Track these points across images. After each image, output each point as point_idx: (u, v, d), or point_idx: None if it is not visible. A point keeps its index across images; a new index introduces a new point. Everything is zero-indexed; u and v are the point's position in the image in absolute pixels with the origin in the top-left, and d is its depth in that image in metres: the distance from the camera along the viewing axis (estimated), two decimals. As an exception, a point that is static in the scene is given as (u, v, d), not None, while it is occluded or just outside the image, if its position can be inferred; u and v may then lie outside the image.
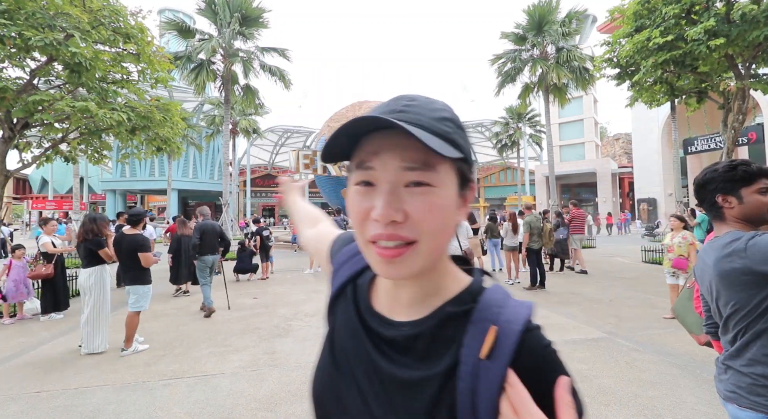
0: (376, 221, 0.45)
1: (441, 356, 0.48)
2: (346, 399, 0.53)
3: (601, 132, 46.59)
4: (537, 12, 15.88)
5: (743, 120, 8.56)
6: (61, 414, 2.98)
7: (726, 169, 1.25)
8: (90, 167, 33.04)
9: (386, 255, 0.45)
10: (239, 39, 14.64)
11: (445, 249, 0.51)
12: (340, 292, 0.62)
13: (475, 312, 0.50)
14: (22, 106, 5.96)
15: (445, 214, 0.47)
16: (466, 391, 0.45)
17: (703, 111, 13.26)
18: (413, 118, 0.45)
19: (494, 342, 0.46)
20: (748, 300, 1.15)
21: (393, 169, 0.45)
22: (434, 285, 0.53)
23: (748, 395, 1.15)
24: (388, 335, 0.52)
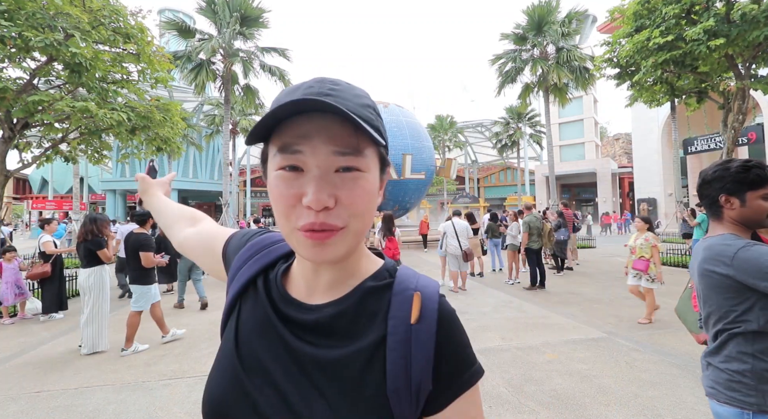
0: (308, 209, 0.44)
1: (366, 330, 0.49)
2: (259, 401, 0.48)
3: (601, 132, 46.59)
4: (537, 12, 15.88)
5: (743, 120, 8.56)
6: (61, 414, 2.98)
7: (739, 169, 1.21)
8: (90, 167, 33.05)
9: (317, 238, 0.45)
10: (239, 39, 14.63)
11: (367, 231, 0.50)
12: (244, 290, 0.58)
13: (395, 285, 0.52)
14: (22, 106, 5.96)
15: (371, 198, 0.48)
16: (397, 359, 0.47)
17: (703, 111, 13.26)
18: (341, 102, 0.44)
19: (421, 308, 0.49)
20: (724, 303, 1.19)
21: (324, 154, 0.44)
22: (353, 266, 0.54)
23: (725, 390, 1.18)
24: (308, 319, 0.51)
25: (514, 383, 3.33)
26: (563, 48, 15.80)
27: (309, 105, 0.42)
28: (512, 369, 3.63)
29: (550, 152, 17.63)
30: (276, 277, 0.57)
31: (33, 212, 32.76)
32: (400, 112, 16.38)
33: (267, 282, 0.57)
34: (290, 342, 0.50)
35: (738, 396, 1.15)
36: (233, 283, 0.60)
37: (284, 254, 0.60)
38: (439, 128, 32.78)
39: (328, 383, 0.47)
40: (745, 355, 1.16)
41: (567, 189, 39.13)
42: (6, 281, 5.83)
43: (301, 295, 0.54)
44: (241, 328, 0.55)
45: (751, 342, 1.15)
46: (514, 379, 3.40)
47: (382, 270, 0.55)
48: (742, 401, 1.14)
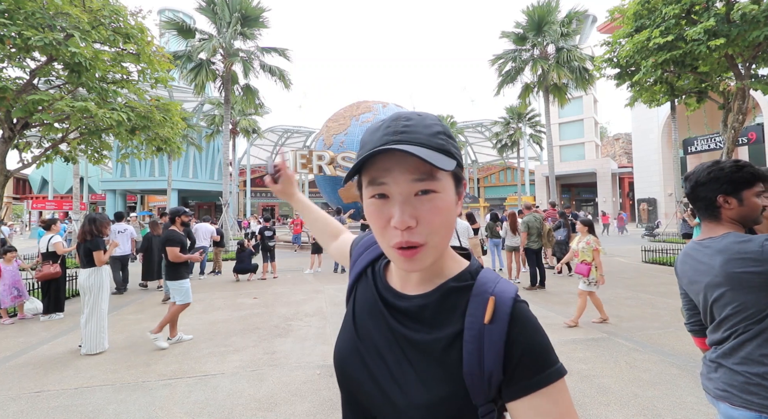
0: (395, 228, 0.54)
1: (446, 322, 0.60)
2: (368, 362, 0.63)
3: (601, 132, 46.59)
4: (537, 12, 15.89)
5: (743, 120, 8.56)
6: (61, 414, 2.98)
7: (734, 169, 1.23)
8: (90, 167, 33.04)
9: (406, 255, 0.56)
10: (239, 39, 14.64)
11: (449, 242, 0.60)
12: (360, 276, 0.74)
13: (475, 287, 0.61)
14: (22, 106, 5.96)
15: (449, 214, 0.57)
16: (471, 350, 0.56)
17: (703, 111, 13.28)
18: (413, 137, 0.54)
19: (494, 310, 0.58)
20: (755, 302, 1.15)
21: (404, 182, 0.54)
22: (438, 268, 0.64)
23: (741, 393, 1.15)
24: (402, 306, 0.64)
25: (514, 383, 3.32)
26: (563, 48, 15.80)
27: (385, 149, 0.53)
28: (512, 369, 3.62)
29: (550, 152, 17.63)
30: (380, 269, 0.72)
31: (33, 212, 32.75)
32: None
33: (374, 273, 0.72)
34: (389, 320, 0.64)
35: (756, 400, 1.12)
36: (352, 272, 0.77)
37: None
38: (439, 128, 32.73)
39: (417, 356, 0.59)
40: (765, 357, 1.13)
41: (567, 189, 39.12)
42: (4, 283, 5.80)
43: (398, 286, 0.67)
44: (357, 305, 0.71)
45: None
46: (514, 379, 3.40)
47: (464, 273, 0.64)
48: (761, 404, 1.12)
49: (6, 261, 5.96)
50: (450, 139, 0.58)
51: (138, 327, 5.24)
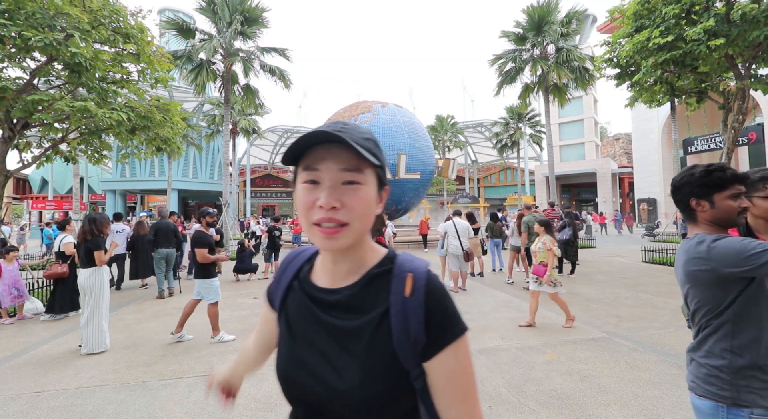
0: (320, 208, 0.62)
1: (374, 305, 0.68)
2: (308, 361, 0.69)
3: (601, 132, 46.58)
4: (537, 12, 15.88)
5: (743, 120, 8.56)
6: (61, 414, 2.98)
7: (702, 174, 1.30)
8: (90, 167, 33.02)
9: (327, 232, 0.63)
10: (239, 39, 14.63)
11: (367, 231, 0.69)
12: (288, 292, 0.78)
13: (394, 269, 0.70)
14: (22, 106, 5.96)
15: (369, 204, 0.65)
16: (398, 323, 0.65)
17: (703, 111, 13.28)
18: (348, 135, 0.63)
19: (413, 284, 0.67)
20: (711, 298, 1.26)
21: (334, 171, 0.63)
22: (361, 258, 0.71)
23: (703, 384, 1.25)
24: (333, 299, 0.70)
25: (514, 383, 3.33)
26: (563, 48, 15.80)
27: (324, 136, 0.62)
28: (512, 369, 3.63)
29: (550, 152, 17.63)
30: (305, 276, 0.77)
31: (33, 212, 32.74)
32: (399, 112, 16.32)
33: (301, 281, 0.77)
34: (323, 318, 0.70)
35: (714, 390, 1.22)
36: (278, 294, 0.80)
37: (305, 261, 0.80)
38: (440, 128, 32.77)
39: (352, 343, 0.66)
40: (724, 351, 1.22)
41: (567, 189, 39.13)
42: (4, 282, 5.80)
43: (327, 284, 0.73)
44: (290, 317, 0.75)
45: (731, 338, 1.21)
46: (514, 379, 3.40)
47: (384, 259, 0.73)
48: (718, 395, 1.21)
49: (7, 261, 5.96)
50: (377, 148, 0.68)
51: (138, 327, 5.24)
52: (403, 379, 0.65)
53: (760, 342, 1.18)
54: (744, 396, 1.17)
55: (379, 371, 0.64)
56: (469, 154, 42.31)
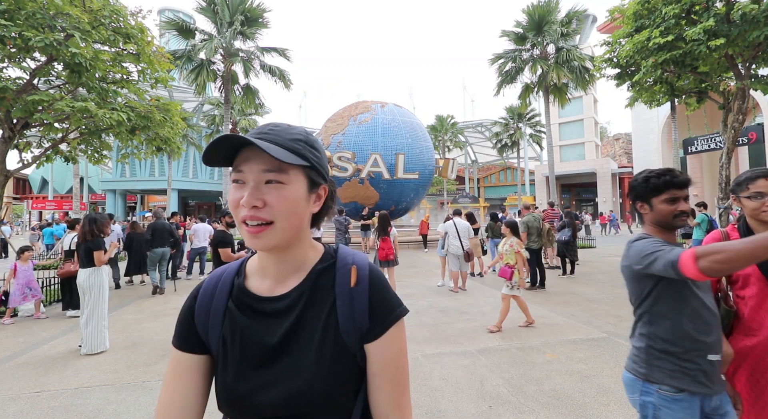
0: (243, 206, 0.64)
1: (322, 298, 0.71)
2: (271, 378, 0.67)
3: (601, 132, 46.58)
4: (537, 12, 15.88)
5: (743, 120, 8.55)
6: (61, 414, 2.98)
7: (642, 179, 1.45)
8: (90, 167, 33.02)
9: (252, 231, 0.65)
10: (239, 39, 14.63)
11: (299, 229, 0.70)
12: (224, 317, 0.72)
13: (337, 262, 0.74)
14: (22, 106, 5.96)
15: (293, 203, 0.66)
16: (345, 311, 0.69)
17: (703, 111, 13.27)
18: (272, 138, 0.65)
19: (357, 275, 0.72)
20: (633, 291, 1.47)
21: (256, 171, 0.65)
22: (302, 257, 0.73)
23: (630, 361, 1.48)
24: (283, 305, 0.70)
25: (514, 383, 3.33)
26: (563, 48, 15.80)
27: (240, 140, 0.64)
28: (512, 369, 3.63)
29: (550, 152, 17.63)
30: (241, 290, 0.73)
31: (33, 212, 32.74)
32: (398, 112, 16.32)
33: (238, 300, 0.73)
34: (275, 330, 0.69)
35: (635, 367, 1.44)
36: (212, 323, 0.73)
37: (234, 276, 0.76)
38: (440, 128, 32.77)
39: (310, 340, 0.68)
40: (643, 337, 1.43)
41: (567, 189, 39.12)
42: (18, 282, 5.87)
43: (270, 289, 0.72)
44: (235, 343, 0.70)
45: (648, 325, 1.41)
46: (514, 379, 3.40)
47: (326, 254, 0.76)
48: (637, 370, 1.42)
49: (22, 261, 6.03)
50: (310, 148, 0.69)
51: (138, 327, 5.24)
52: (351, 362, 0.69)
53: (672, 332, 1.35)
54: (655, 374, 1.37)
55: (333, 361, 0.67)
56: (469, 154, 42.31)
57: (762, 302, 1.44)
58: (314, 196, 0.72)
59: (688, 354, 1.32)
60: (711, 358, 1.32)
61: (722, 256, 1.07)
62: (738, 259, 1.06)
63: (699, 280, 1.22)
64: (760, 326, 1.43)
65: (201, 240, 9.29)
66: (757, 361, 1.43)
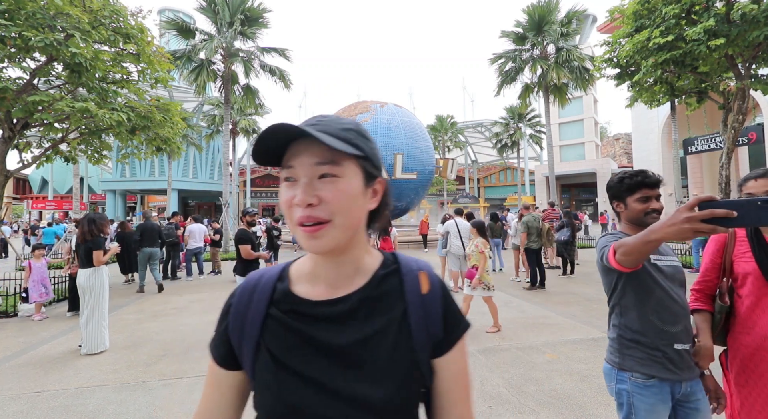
0: (297, 206, 0.58)
1: (389, 306, 0.64)
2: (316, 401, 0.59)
3: (601, 132, 46.58)
4: (537, 12, 15.87)
5: (743, 120, 8.55)
6: (61, 414, 2.98)
7: (617, 180, 1.55)
8: (90, 167, 33.02)
9: (309, 231, 0.58)
10: (239, 39, 14.62)
11: (356, 228, 0.63)
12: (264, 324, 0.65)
13: (402, 268, 0.68)
14: (22, 106, 5.96)
15: (350, 197, 0.60)
16: (419, 320, 0.64)
17: (703, 111, 13.28)
18: (322, 127, 0.59)
19: (429, 282, 0.67)
20: (604, 283, 1.58)
21: (308, 165, 0.59)
22: (359, 261, 0.67)
23: (607, 352, 1.57)
24: (343, 310, 0.63)
25: (514, 383, 3.33)
26: (563, 48, 15.79)
27: (287, 131, 0.58)
28: (512, 369, 3.63)
29: (550, 152, 17.62)
30: (288, 295, 0.66)
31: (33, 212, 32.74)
32: (398, 112, 16.31)
33: (282, 305, 0.65)
34: (332, 339, 0.61)
35: (611, 357, 1.53)
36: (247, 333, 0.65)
37: (277, 278, 0.69)
38: (440, 128, 32.77)
39: (372, 352, 0.61)
40: (615, 327, 1.53)
41: (567, 189, 39.12)
42: (33, 279, 5.95)
43: (323, 295, 0.65)
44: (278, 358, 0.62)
45: (619, 317, 1.51)
46: (514, 379, 3.40)
47: (386, 260, 0.70)
48: (612, 360, 1.51)
49: (35, 259, 6.11)
50: (361, 137, 0.63)
51: (138, 327, 5.24)
52: (420, 379, 0.64)
53: (640, 322, 1.44)
54: (627, 362, 1.46)
55: (405, 373, 0.61)
56: (469, 154, 42.30)
57: (758, 301, 1.47)
58: (371, 191, 0.65)
59: (655, 343, 1.41)
60: (677, 347, 1.41)
61: (624, 249, 1.23)
62: (632, 252, 1.20)
63: (621, 270, 1.32)
64: (754, 324, 1.48)
65: (197, 241, 9.23)
66: (748, 357, 1.48)
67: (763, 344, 1.43)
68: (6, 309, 6.08)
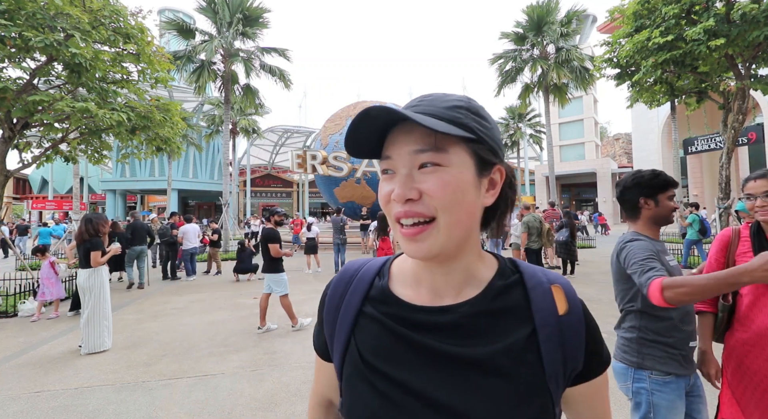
0: (395, 201, 0.50)
1: (510, 325, 0.52)
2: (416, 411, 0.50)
3: (601, 132, 46.58)
4: (537, 12, 15.86)
5: (743, 120, 8.54)
6: (61, 414, 2.98)
7: (651, 176, 1.52)
8: (90, 167, 33.02)
9: (408, 233, 0.50)
10: (240, 39, 14.63)
11: (467, 229, 0.52)
12: (357, 320, 0.58)
13: (526, 280, 0.56)
14: (22, 106, 5.96)
15: (457, 191, 0.50)
16: (553, 348, 0.51)
17: (703, 111, 13.27)
18: (424, 109, 0.51)
19: (567, 299, 0.55)
20: (622, 288, 1.56)
21: (406, 154, 0.50)
22: (474, 267, 0.56)
23: (618, 351, 1.58)
24: (446, 321, 0.53)
25: (514, 383, 3.32)
26: (563, 48, 15.79)
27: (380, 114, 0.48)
28: (512, 369, 3.62)
29: (550, 152, 17.62)
30: (386, 295, 0.58)
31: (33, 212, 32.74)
32: (398, 112, 16.33)
33: (378, 304, 0.58)
34: (435, 346, 0.52)
35: (626, 356, 1.53)
36: (339, 326, 0.60)
37: (376, 272, 0.62)
38: (439, 128, 32.78)
39: (484, 379, 0.50)
40: (633, 328, 1.53)
41: (567, 189, 39.11)
42: (42, 276, 6.04)
43: (425, 300, 0.55)
44: (366, 357, 0.55)
45: (638, 319, 1.52)
46: (514, 379, 3.40)
47: (503, 268, 0.58)
48: (628, 359, 1.52)
49: (43, 259, 6.24)
50: (474, 116, 0.52)
51: (138, 327, 5.24)
52: (551, 413, 0.52)
53: (665, 325, 1.46)
54: (647, 361, 1.48)
55: (531, 412, 0.50)
56: (469, 154, 42.24)
57: (756, 300, 1.50)
58: (486, 182, 0.54)
59: (676, 343, 1.46)
60: (692, 345, 1.49)
61: (687, 290, 1.20)
62: (701, 293, 1.19)
63: (661, 307, 1.33)
64: (751, 322, 1.50)
65: (192, 241, 9.09)
66: (744, 354, 1.52)
67: (759, 341, 1.45)
68: (6, 309, 6.08)
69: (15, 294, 6.50)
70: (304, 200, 35.83)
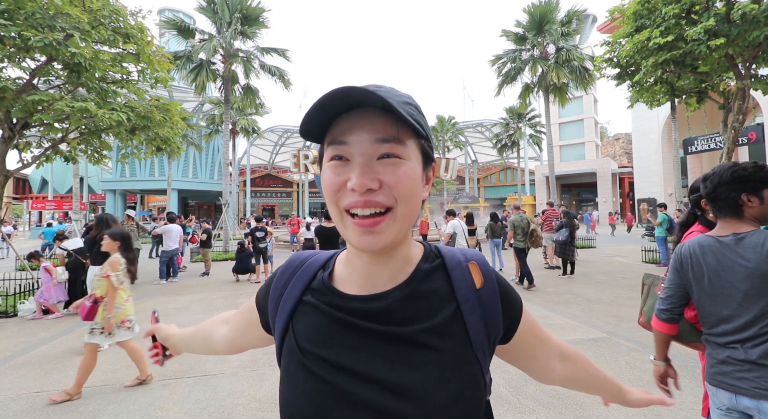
0: (352, 191, 0.49)
1: (436, 305, 0.55)
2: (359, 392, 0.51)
3: (601, 132, 46.58)
4: (537, 12, 15.87)
5: (743, 120, 8.55)
6: (61, 414, 2.98)
7: (755, 169, 1.29)
8: (90, 167, 33.01)
9: (365, 224, 0.49)
10: (239, 39, 14.63)
11: (414, 220, 0.54)
12: (295, 310, 0.60)
13: (446, 262, 0.59)
14: (21, 106, 5.96)
15: (414, 183, 0.51)
16: (476, 320, 0.55)
17: (703, 111, 13.27)
18: (386, 96, 0.48)
19: (481, 273, 0.58)
20: None
21: (367, 142, 0.49)
22: (407, 254, 0.58)
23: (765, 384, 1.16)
24: (379, 307, 0.55)
25: (514, 383, 3.33)
26: (563, 48, 15.80)
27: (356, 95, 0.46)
28: (512, 369, 3.62)
29: (550, 152, 17.62)
30: (325, 285, 0.59)
31: (33, 212, 32.73)
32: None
33: (317, 294, 0.59)
34: (373, 329, 0.53)
35: None
36: (279, 312, 0.61)
37: (321, 265, 0.63)
38: (440, 129, 32.78)
39: (414, 353, 0.52)
40: None
41: (567, 189, 39.11)
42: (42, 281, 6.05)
43: (361, 290, 0.57)
44: (303, 345, 0.56)
45: None
46: (514, 379, 3.40)
47: (428, 252, 0.61)
48: None
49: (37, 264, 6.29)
50: (420, 115, 0.53)
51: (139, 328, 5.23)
52: (482, 381, 0.55)
53: None
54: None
55: (462, 381, 0.52)
56: (469, 154, 42.31)
57: None
58: (426, 178, 0.56)
59: None
60: None
61: None
62: None
63: None
64: None
65: (173, 242, 8.60)
66: None
67: None
68: (6, 309, 6.08)
69: (15, 294, 6.50)
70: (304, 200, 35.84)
